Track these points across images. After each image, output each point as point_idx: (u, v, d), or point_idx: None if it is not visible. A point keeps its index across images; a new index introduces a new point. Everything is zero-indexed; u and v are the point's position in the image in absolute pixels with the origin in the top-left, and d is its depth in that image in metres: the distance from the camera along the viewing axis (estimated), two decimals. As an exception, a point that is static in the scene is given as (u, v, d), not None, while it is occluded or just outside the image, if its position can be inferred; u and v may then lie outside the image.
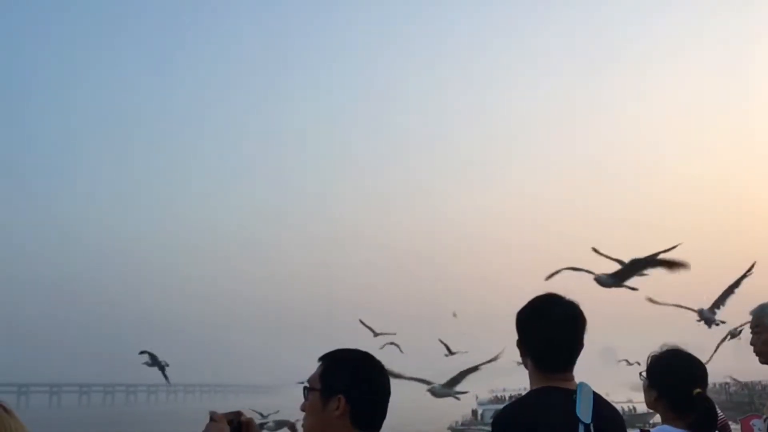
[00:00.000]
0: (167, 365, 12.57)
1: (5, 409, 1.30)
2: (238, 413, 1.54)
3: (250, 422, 1.53)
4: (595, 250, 6.26)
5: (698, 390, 2.00)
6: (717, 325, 7.43)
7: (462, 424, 35.40)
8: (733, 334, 9.71)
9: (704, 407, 1.98)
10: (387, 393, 1.52)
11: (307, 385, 1.52)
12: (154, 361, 12.23)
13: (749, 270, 7.46)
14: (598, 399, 1.67)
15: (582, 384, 1.68)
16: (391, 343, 19.72)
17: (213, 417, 1.46)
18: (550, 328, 1.71)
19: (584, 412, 1.60)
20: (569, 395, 1.64)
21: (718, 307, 7.38)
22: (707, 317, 7.30)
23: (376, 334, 16.44)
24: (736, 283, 7.45)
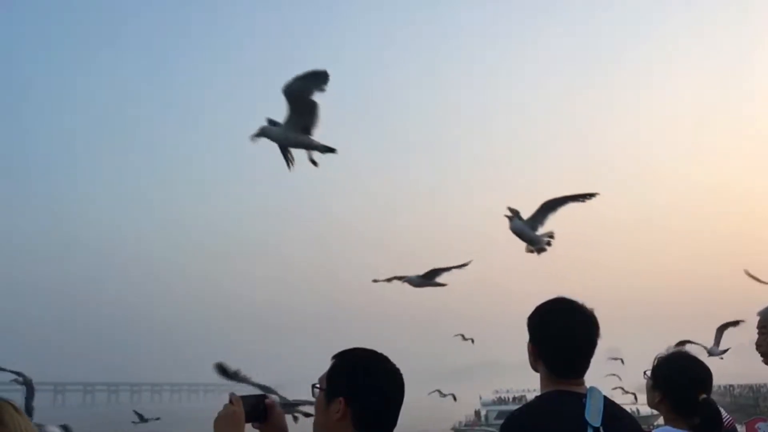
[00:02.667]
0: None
1: (15, 409, 1.31)
2: (263, 396, 1.56)
3: (273, 405, 1.55)
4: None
5: (704, 396, 2.01)
6: (548, 246, 5.41)
7: (465, 425, 35.36)
8: (712, 353, 9.53)
9: (710, 412, 1.99)
10: (393, 398, 1.45)
11: (316, 383, 1.49)
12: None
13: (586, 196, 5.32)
14: (609, 403, 1.66)
15: (592, 388, 1.67)
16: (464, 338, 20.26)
17: (231, 399, 1.48)
18: (566, 335, 1.70)
19: (594, 415, 1.59)
20: (579, 399, 1.63)
21: (537, 223, 5.33)
22: (517, 226, 5.27)
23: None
24: (560, 201, 5.37)
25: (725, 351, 9.63)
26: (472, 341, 20.50)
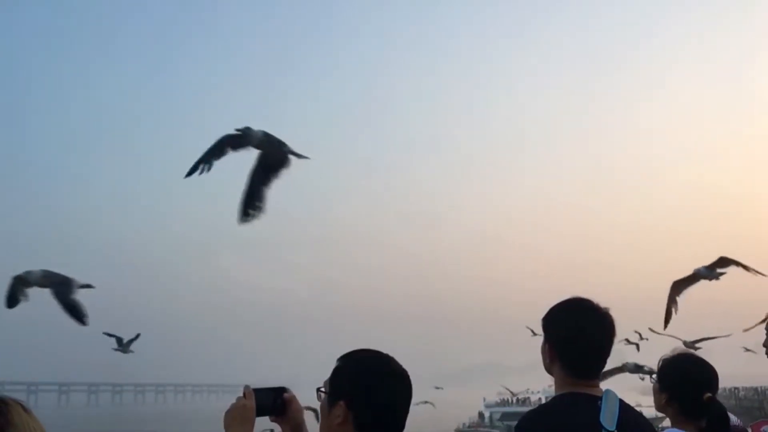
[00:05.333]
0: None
1: (24, 409, 1.31)
2: (282, 389, 1.53)
3: (293, 399, 1.53)
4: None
5: (709, 395, 2.00)
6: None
7: (469, 426, 35.32)
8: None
9: (716, 412, 1.97)
10: (397, 402, 1.39)
11: (321, 387, 1.45)
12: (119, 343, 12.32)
13: None
14: (624, 406, 1.64)
15: (608, 391, 1.65)
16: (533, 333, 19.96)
17: (244, 392, 1.47)
18: (580, 334, 1.68)
19: (608, 418, 1.57)
20: (594, 401, 1.62)
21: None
22: (256, 134, 4.85)
23: None
24: None
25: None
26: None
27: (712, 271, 6.91)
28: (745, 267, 6.98)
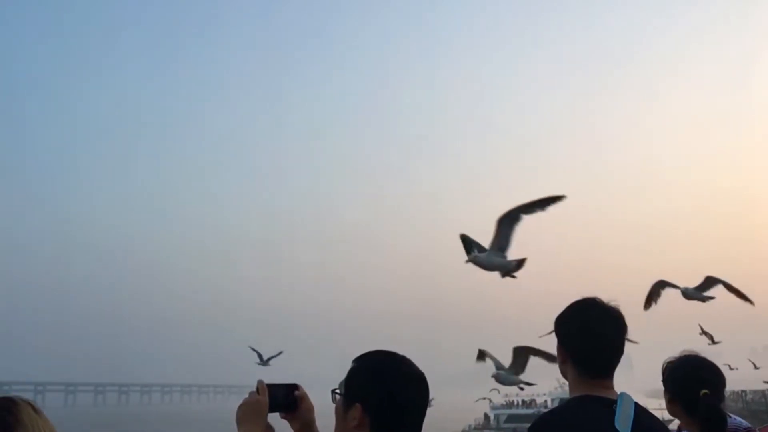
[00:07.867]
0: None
1: (34, 409, 1.33)
2: (294, 386, 1.54)
3: (304, 397, 1.53)
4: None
5: (705, 391, 1.98)
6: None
7: (474, 428, 35.27)
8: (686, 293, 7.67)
9: (708, 408, 1.95)
10: (412, 404, 1.37)
11: (336, 388, 1.44)
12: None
13: None
14: (639, 410, 1.63)
15: (623, 394, 1.64)
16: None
17: (258, 387, 1.47)
18: (597, 332, 1.69)
19: (623, 422, 1.56)
20: (609, 405, 1.61)
21: None
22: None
23: None
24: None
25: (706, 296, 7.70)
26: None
27: (697, 292, 7.13)
28: (731, 288, 7.04)
